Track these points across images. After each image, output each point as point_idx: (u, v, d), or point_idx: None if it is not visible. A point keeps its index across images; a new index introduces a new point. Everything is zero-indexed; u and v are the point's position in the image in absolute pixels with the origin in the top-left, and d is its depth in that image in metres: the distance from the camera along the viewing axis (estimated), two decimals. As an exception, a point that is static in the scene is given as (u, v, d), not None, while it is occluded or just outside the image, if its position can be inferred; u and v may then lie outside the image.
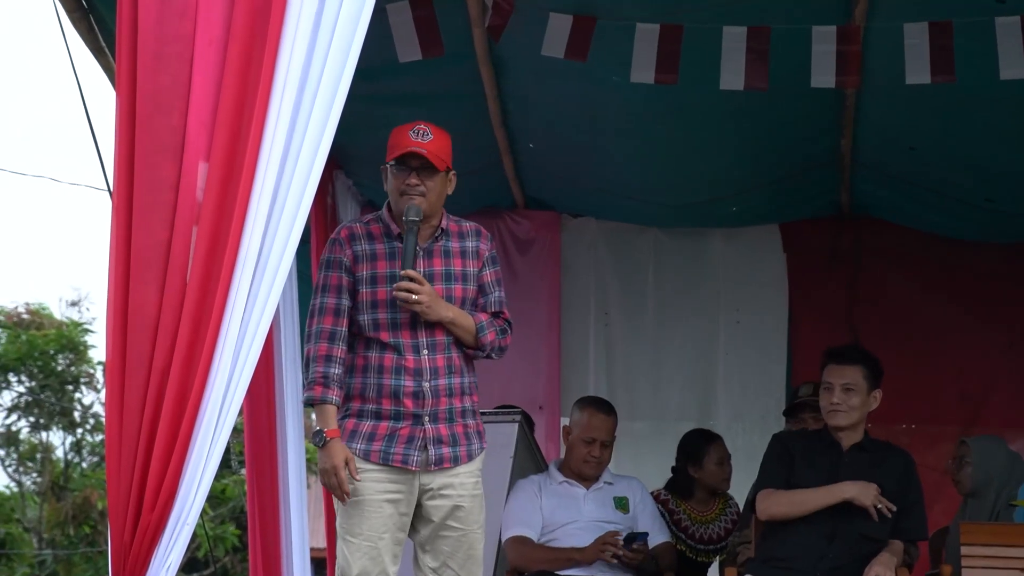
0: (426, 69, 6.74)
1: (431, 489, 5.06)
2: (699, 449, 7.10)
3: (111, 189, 4.44)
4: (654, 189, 8.27)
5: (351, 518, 5.02)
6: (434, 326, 5.08)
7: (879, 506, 5.84)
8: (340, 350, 5.07)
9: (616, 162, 7.93)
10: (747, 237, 8.76)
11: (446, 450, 5.07)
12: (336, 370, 5.04)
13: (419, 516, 5.09)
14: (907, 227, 8.48)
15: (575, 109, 7.38)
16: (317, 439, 4.98)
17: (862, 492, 5.85)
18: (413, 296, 5.02)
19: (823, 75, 6.57)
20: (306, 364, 5.11)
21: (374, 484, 5.01)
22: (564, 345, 8.73)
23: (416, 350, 5.06)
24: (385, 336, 5.07)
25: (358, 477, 4.97)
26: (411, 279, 5.03)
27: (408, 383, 5.04)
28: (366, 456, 5.03)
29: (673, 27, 6.51)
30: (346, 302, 5.09)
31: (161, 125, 4.34)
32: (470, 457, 5.13)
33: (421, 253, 5.11)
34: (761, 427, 8.21)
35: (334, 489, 4.98)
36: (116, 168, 4.37)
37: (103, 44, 6.22)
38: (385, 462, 5.02)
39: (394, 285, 5.04)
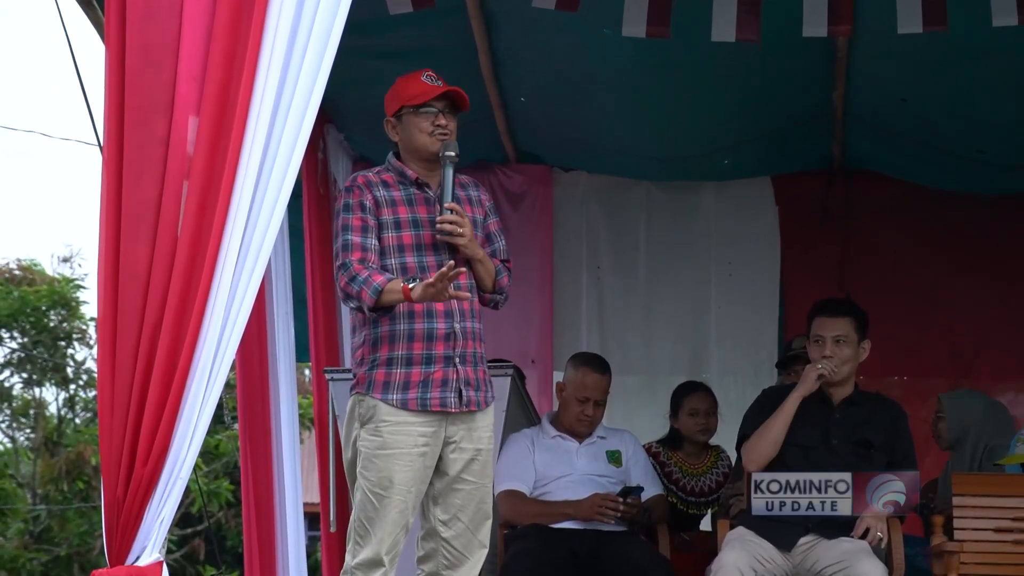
0: (416, 22, 6.71)
1: (454, 441, 5.02)
2: (677, 400, 7.13)
3: (101, 144, 4.43)
4: (646, 143, 8.25)
5: (382, 471, 4.92)
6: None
7: (820, 366, 5.85)
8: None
9: (608, 116, 7.91)
10: (739, 190, 8.74)
11: (472, 393, 5.03)
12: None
13: (436, 469, 5.03)
14: (898, 179, 8.47)
15: (567, 63, 7.35)
16: (405, 296, 4.85)
17: (805, 385, 5.87)
18: (459, 228, 4.98)
19: (815, 25, 6.54)
20: (346, 287, 4.94)
21: (407, 438, 4.93)
22: (556, 299, 8.71)
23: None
24: None
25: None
26: (453, 211, 4.97)
27: (440, 325, 4.98)
28: (403, 405, 4.94)
29: (665, -21, 6.48)
30: (373, 241, 5.00)
31: (151, 80, 4.32)
32: (487, 404, 5.11)
33: (435, 198, 5.07)
34: (753, 381, 8.20)
35: (442, 278, 4.80)
36: (106, 123, 4.35)
37: (92, -2, 6.19)
38: (424, 408, 4.95)
39: (439, 218, 4.97)
